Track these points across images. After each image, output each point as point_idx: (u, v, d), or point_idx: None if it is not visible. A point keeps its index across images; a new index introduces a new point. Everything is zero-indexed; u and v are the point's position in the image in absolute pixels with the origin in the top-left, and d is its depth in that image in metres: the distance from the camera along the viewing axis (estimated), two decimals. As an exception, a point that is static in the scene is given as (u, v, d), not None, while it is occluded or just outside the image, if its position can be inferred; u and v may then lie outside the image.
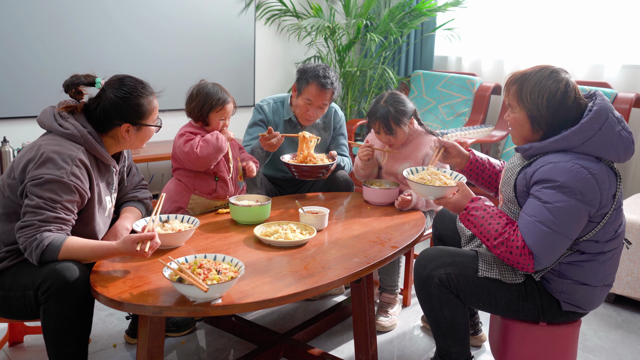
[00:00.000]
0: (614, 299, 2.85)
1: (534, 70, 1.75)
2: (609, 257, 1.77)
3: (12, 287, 1.67)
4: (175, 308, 1.46)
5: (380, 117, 2.47)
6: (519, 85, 1.76)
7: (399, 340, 2.45)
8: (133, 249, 1.61)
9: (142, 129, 1.89)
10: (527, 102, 1.73)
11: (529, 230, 1.67)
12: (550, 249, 1.66)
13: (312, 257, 1.82)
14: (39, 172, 1.67)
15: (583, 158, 1.67)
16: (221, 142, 2.24)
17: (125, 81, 1.86)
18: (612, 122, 1.68)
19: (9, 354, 2.24)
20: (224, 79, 4.19)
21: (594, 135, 1.66)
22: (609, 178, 1.69)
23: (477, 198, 1.82)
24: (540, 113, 1.72)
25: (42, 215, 1.64)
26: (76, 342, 1.67)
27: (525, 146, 1.77)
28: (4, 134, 3.30)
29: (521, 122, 1.77)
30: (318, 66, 2.61)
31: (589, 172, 1.64)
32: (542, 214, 1.65)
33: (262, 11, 4.48)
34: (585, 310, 1.82)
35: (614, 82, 3.75)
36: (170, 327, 2.37)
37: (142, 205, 2.10)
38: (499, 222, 1.73)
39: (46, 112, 1.83)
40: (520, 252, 1.67)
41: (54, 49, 3.46)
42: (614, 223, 1.74)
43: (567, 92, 1.71)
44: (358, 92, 4.72)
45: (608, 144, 1.67)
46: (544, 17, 4.05)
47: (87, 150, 1.79)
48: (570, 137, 1.68)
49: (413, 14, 4.46)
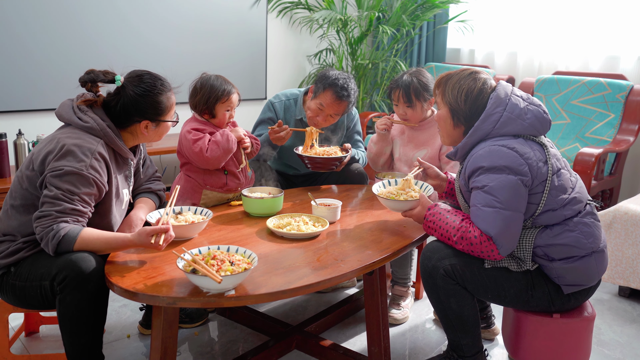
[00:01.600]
0: (629, 293, 2.83)
1: (456, 72, 1.91)
2: (578, 222, 1.80)
3: (28, 278, 1.70)
4: (189, 299, 1.47)
5: (402, 86, 2.48)
6: (444, 84, 1.91)
7: (412, 333, 2.44)
8: (148, 242, 1.63)
9: (161, 125, 1.91)
10: (448, 96, 1.88)
11: (479, 217, 1.74)
12: (504, 227, 1.71)
13: (324, 249, 1.82)
14: (59, 164, 1.68)
15: (500, 139, 1.79)
16: (231, 143, 2.22)
17: (145, 78, 1.87)
18: (515, 101, 1.81)
19: (25, 343, 2.27)
20: (235, 73, 4.21)
21: (501, 116, 1.79)
22: (532, 148, 1.78)
23: (434, 205, 1.89)
24: (459, 106, 1.86)
25: (60, 206, 1.65)
26: (91, 331, 1.69)
27: (452, 151, 1.91)
28: (19, 126, 3.33)
29: (444, 117, 1.91)
30: (340, 75, 2.54)
31: (507, 147, 1.75)
32: (483, 198, 1.74)
33: (273, 4, 4.47)
34: (587, 284, 1.83)
35: (630, 74, 3.71)
36: (183, 318, 2.39)
37: (156, 196, 2.12)
38: (455, 220, 1.80)
39: (65, 105, 1.85)
40: (480, 240, 1.72)
41: (66, 44, 3.48)
42: (559, 187, 1.79)
43: (484, 89, 1.85)
44: (370, 84, 4.70)
45: (519, 119, 1.79)
46: (558, 8, 4.00)
47: (106, 144, 1.80)
48: (481, 125, 1.81)
49: (425, 5, 4.43)
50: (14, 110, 3.39)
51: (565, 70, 4.00)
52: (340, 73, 2.56)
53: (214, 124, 2.29)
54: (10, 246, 1.75)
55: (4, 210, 1.80)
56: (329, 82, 2.52)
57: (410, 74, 2.50)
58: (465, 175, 1.84)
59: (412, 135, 2.59)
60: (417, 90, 2.46)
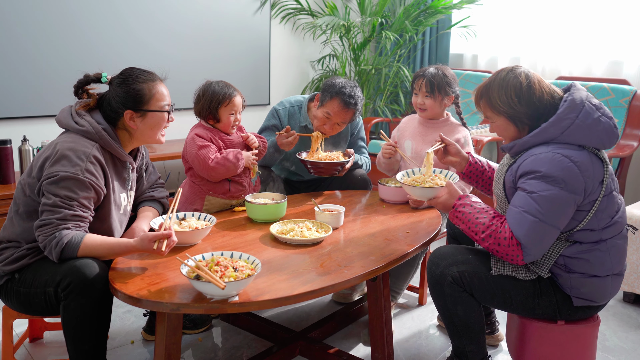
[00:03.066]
0: (634, 299, 2.81)
1: (492, 78, 1.82)
2: (611, 245, 1.77)
3: (32, 284, 1.70)
4: (192, 305, 1.47)
5: (427, 75, 2.49)
6: (486, 97, 1.82)
7: (415, 339, 2.44)
8: (150, 247, 1.63)
9: (147, 116, 1.86)
10: (499, 106, 1.78)
11: (516, 220, 1.69)
12: (537, 238, 1.67)
13: (328, 255, 1.82)
14: (54, 169, 1.69)
15: (565, 147, 1.70)
16: (239, 168, 2.24)
17: (126, 70, 1.88)
18: (589, 109, 1.71)
19: (29, 349, 2.28)
20: (239, 79, 4.22)
21: (572, 124, 1.69)
22: (593, 165, 1.70)
23: (464, 195, 1.84)
24: (516, 110, 1.76)
25: (60, 213, 1.66)
26: (95, 337, 1.69)
27: (510, 144, 1.81)
28: (24, 132, 3.34)
29: (504, 126, 1.82)
30: (347, 83, 2.53)
31: (570, 160, 1.66)
32: (528, 204, 1.67)
33: (277, 10, 4.49)
34: (598, 302, 1.80)
35: (633, 79, 3.70)
36: (187, 324, 2.39)
37: (159, 204, 2.12)
38: (486, 216, 1.76)
39: (64, 111, 1.86)
40: (509, 243, 1.68)
41: (70, 51, 3.51)
42: (607, 210, 1.74)
43: (530, 81, 1.75)
44: (373, 90, 4.71)
45: (588, 130, 1.70)
46: (561, 14, 4.00)
47: (103, 147, 1.80)
48: (549, 128, 1.71)
49: (428, 11, 4.44)
50: (18, 117, 3.41)
51: (568, 75, 3.99)
52: (347, 81, 2.56)
53: (219, 128, 2.29)
54: (14, 252, 1.76)
55: (9, 217, 1.81)
56: (335, 90, 2.51)
57: (437, 67, 2.52)
58: (515, 172, 1.76)
59: (425, 132, 2.59)
60: (441, 82, 2.47)
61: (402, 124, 2.70)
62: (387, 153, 2.54)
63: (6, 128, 3.37)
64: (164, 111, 1.90)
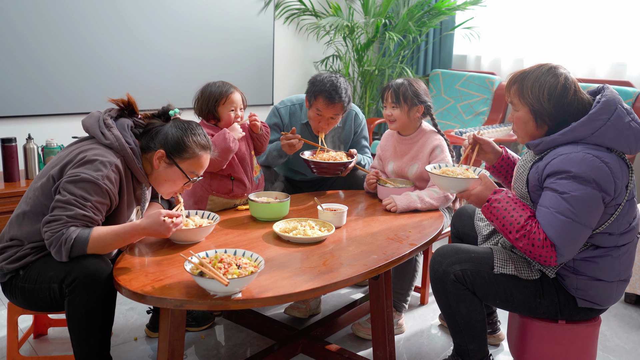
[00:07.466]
0: (635, 300, 2.82)
1: (533, 68, 1.79)
2: (623, 251, 1.77)
3: (37, 280, 1.71)
4: (196, 301, 1.48)
5: (393, 85, 2.49)
6: (519, 84, 1.79)
7: (417, 338, 2.45)
8: (159, 220, 1.67)
9: (173, 168, 1.86)
10: (528, 97, 1.77)
11: (548, 222, 1.67)
12: (571, 239, 1.65)
13: (330, 254, 1.83)
14: (77, 170, 1.70)
15: (594, 148, 1.69)
16: (229, 141, 2.19)
17: (194, 123, 1.91)
18: (621, 113, 1.70)
19: (34, 345, 2.29)
20: (243, 79, 4.24)
21: (603, 125, 1.68)
22: (621, 168, 1.70)
23: (500, 190, 1.81)
24: (542, 106, 1.75)
25: (72, 211, 1.66)
26: (100, 333, 1.70)
27: (536, 141, 1.79)
28: (29, 131, 3.37)
29: (525, 119, 1.80)
30: (326, 78, 2.53)
31: (601, 160, 1.65)
32: (560, 205, 1.65)
33: (281, 10, 4.51)
34: (602, 306, 1.81)
35: (636, 81, 3.70)
36: (190, 321, 2.41)
37: (166, 202, 2.14)
38: (522, 215, 1.72)
39: (92, 116, 1.85)
40: (543, 245, 1.66)
41: (75, 51, 3.53)
42: (627, 215, 1.74)
43: (567, 85, 1.74)
44: (376, 91, 4.72)
45: (618, 134, 1.69)
46: (565, 15, 4.01)
47: (125, 162, 1.81)
48: (580, 128, 1.70)
49: (432, 12, 4.45)
50: (23, 115, 3.44)
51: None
52: (327, 75, 2.56)
53: (221, 127, 2.31)
54: (17, 251, 1.76)
55: (15, 214, 1.82)
56: (318, 88, 2.53)
57: (405, 79, 2.51)
58: (542, 171, 1.74)
59: (403, 150, 2.56)
60: (406, 92, 2.45)
61: (383, 142, 2.67)
62: (372, 184, 2.51)
63: (11, 126, 3.40)
64: (187, 175, 1.87)
